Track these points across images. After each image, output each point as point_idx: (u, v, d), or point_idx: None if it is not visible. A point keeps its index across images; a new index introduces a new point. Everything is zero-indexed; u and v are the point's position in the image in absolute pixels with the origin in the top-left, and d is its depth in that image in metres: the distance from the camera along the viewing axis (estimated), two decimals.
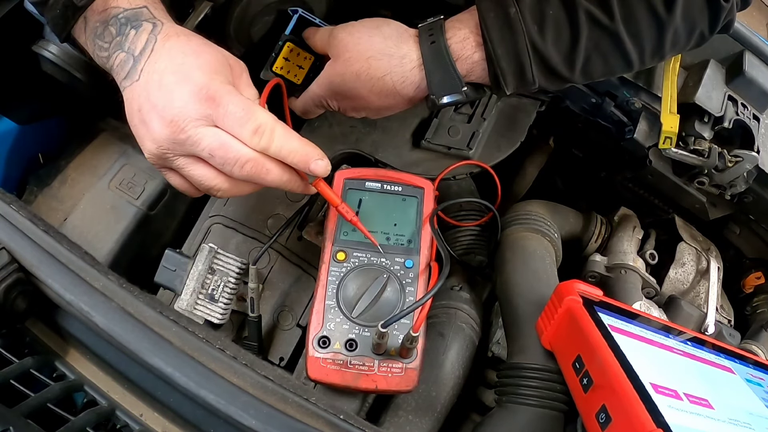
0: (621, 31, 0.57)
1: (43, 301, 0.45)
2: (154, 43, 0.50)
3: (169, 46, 0.50)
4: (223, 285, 0.61)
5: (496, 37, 0.56)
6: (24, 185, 0.74)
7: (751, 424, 0.50)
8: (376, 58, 0.59)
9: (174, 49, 0.50)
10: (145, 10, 0.51)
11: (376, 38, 0.59)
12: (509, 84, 0.58)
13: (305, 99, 0.65)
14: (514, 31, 0.56)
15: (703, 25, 0.60)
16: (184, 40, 0.51)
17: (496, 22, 0.56)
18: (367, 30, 0.60)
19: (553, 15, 0.56)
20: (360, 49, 0.59)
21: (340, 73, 0.60)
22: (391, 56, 0.59)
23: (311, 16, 0.67)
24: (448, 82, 0.59)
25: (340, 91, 0.61)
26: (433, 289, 0.53)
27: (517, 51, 0.56)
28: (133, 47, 0.50)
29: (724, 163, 0.71)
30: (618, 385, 0.44)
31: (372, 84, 0.59)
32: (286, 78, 0.67)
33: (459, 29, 0.58)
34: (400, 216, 0.63)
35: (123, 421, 0.43)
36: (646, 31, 0.58)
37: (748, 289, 0.82)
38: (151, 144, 0.50)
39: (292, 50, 0.67)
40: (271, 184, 0.52)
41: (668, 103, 0.72)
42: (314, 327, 0.56)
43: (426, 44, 0.58)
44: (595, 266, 0.73)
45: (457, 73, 0.58)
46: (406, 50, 0.59)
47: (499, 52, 0.56)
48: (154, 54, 0.50)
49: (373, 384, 0.55)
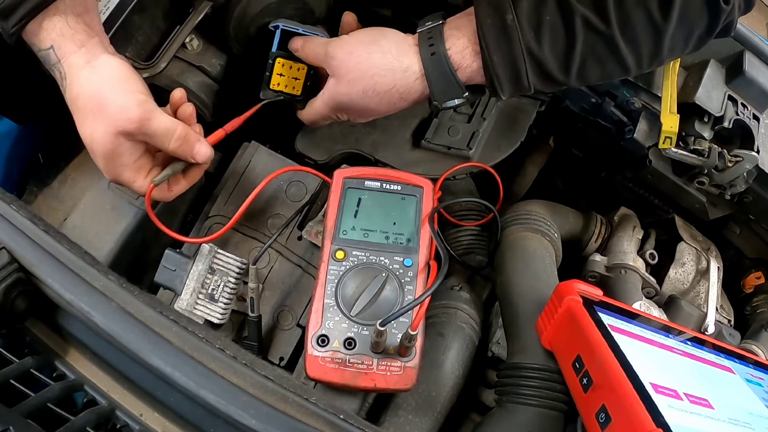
0: (617, 37, 0.57)
1: (43, 301, 0.45)
2: (66, 88, 0.56)
3: (74, 94, 0.55)
4: (223, 285, 0.61)
5: (492, 45, 0.57)
6: (24, 185, 0.74)
7: (751, 424, 0.50)
8: (380, 75, 0.60)
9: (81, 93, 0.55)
10: (52, 54, 0.55)
11: (375, 55, 0.60)
12: (505, 90, 0.59)
13: (312, 114, 0.68)
14: (511, 38, 0.56)
15: (702, 29, 0.60)
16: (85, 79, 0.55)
17: (493, 30, 0.57)
18: (364, 47, 0.61)
19: (549, 20, 0.57)
20: (362, 68, 0.60)
21: (345, 93, 0.62)
22: (395, 70, 0.60)
23: (293, 26, 0.67)
24: (450, 90, 0.60)
25: (348, 108, 0.64)
26: (431, 287, 0.53)
27: (513, 58, 0.57)
28: (63, 73, 0.56)
29: (724, 163, 0.71)
30: (618, 384, 0.44)
31: (380, 98, 0.61)
32: (286, 92, 0.69)
33: (458, 38, 0.59)
34: (399, 215, 0.63)
35: (123, 421, 0.43)
36: (642, 37, 0.58)
37: (748, 289, 0.82)
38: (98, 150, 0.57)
39: (284, 65, 0.68)
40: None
41: (668, 102, 0.72)
42: (313, 325, 0.56)
43: (426, 54, 0.59)
44: (595, 266, 0.73)
45: (458, 81, 0.60)
46: (408, 63, 0.60)
47: (495, 59, 0.57)
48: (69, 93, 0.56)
49: (371, 382, 0.55)
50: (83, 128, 0.56)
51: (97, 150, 0.56)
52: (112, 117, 0.54)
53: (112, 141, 0.55)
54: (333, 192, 0.64)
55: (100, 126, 0.54)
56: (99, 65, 0.55)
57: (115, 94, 0.54)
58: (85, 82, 0.55)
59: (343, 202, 0.63)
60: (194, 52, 0.71)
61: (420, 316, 0.52)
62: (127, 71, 0.56)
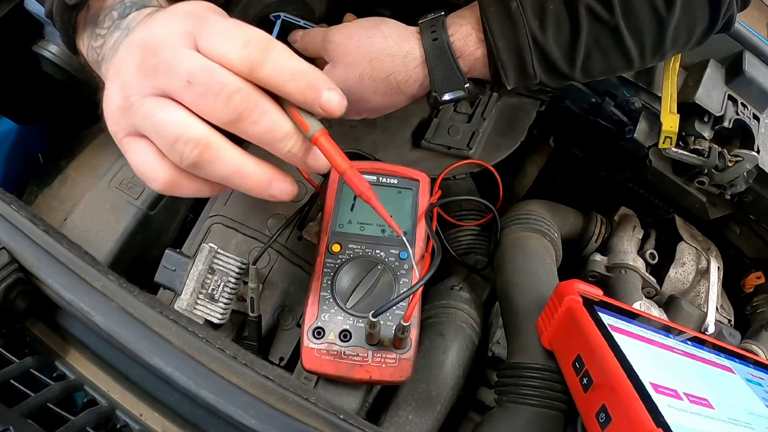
0: (621, 27, 0.57)
1: (43, 301, 0.45)
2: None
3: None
4: (223, 285, 0.61)
5: (497, 30, 0.56)
6: (24, 185, 0.74)
7: (751, 423, 0.50)
8: (378, 59, 0.58)
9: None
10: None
11: (376, 38, 0.59)
12: (510, 78, 0.58)
13: None
14: (515, 24, 0.56)
15: (704, 21, 0.60)
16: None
17: (497, 16, 0.56)
18: (365, 31, 0.59)
19: (553, 10, 0.56)
20: (361, 52, 0.58)
21: (342, 78, 0.59)
22: (394, 55, 0.58)
23: (294, 19, 0.66)
24: (451, 79, 0.58)
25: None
26: (423, 278, 0.53)
27: (519, 44, 0.56)
28: (131, 25, 0.45)
29: (724, 163, 0.71)
30: (618, 384, 0.44)
31: (376, 85, 0.59)
32: None
33: (461, 25, 0.58)
34: (395, 208, 0.63)
35: (123, 421, 0.43)
36: (646, 27, 0.58)
37: (748, 288, 0.82)
38: (117, 92, 0.40)
39: None
40: (264, 136, 0.40)
41: (668, 102, 0.72)
42: (309, 318, 0.56)
43: (428, 41, 0.58)
44: (595, 266, 0.73)
45: (459, 69, 0.58)
46: (409, 48, 0.58)
47: (500, 45, 0.56)
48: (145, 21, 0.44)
49: (366, 374, 0.55)
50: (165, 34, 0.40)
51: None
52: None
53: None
54: (330, 185, 0.64)
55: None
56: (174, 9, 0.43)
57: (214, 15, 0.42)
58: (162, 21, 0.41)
59: (339, 195, 0.63)
60: None
61: (413, 306, 0.52)
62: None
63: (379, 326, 0.53)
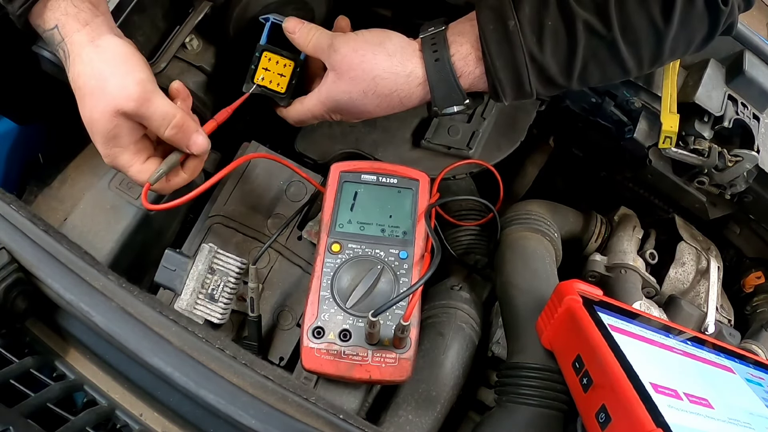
0: (618, 41, 0.57)
1: (43, 301, 0.45)
2: (69, 67, 0.55)
3: (76, 73, 0.54)
4: (223, 285, 0.61)
5: (494, 50, 0.57)
6: (24, 185, 0.74)
7: (751, 423, 0.50)
8: (382, 77, 0.60)
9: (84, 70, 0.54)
10: (56, 33, 0.54)
11: (380, 56, 0.60)
12: (507, 95, 0.59)
13: (302, 112, 0.65)
14: (513, 44, 0.57)
15: (703, 31, 0.60)
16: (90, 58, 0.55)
17: (495, 36, 0.57)
18: (370, 47, 0.60)
19: (551, 25, 0.57)
20: (365, 68, 0.60)
21: (346, 92, 0.61)
22: (398, 74, 0.60)
23: (283, 20, 0.65)
24: (451, 97, 0.61)
25: (345, 108, 0.63)
26: (422, 277, 0.53)
27: (516, 64, 0.57)
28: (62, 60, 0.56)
29: (724, 163, 0.71)
30: (618, 384, 0.44)
31: (379, 100, 0.61)
32: (270, 88, 0.67)
33: (461, 44, 0.59)
34: (395, 208, 0.63)
35: (123, 421, 0.43)
36: (644, 40, 0.58)
37: (748, 288, 0.82)
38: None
39: (270, 59, 0.66)
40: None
41: (668, 102, 0.72)
42: (309, 317, 0.56)
43: (431, 61, 0.59)
44: (595, 266, 0.73)
45: (460, 88, 0.60)
46: (412, 68, 0.60)
47: (497, 65, 0.57)
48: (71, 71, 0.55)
49: (366, 374, 0.55)
50: (83, 107, 0.55)
51: (96, 130, 0.55)
52: (112, 95, 0.53)
53: (111, 120, 0.54)
54: (330, 185, 0.64)
55: (100, 104, 0.53)
56: (102, 44, 0.54)
57: (117, 73, 0.53)
58: (87, 60, 0.54)
59: (339, 195, 0.63)
60: (194, 52, 0.71)
61: (412, 306, 0.52)
62: (130, 51, 0.55)
63: (379, 326, 0.53)
